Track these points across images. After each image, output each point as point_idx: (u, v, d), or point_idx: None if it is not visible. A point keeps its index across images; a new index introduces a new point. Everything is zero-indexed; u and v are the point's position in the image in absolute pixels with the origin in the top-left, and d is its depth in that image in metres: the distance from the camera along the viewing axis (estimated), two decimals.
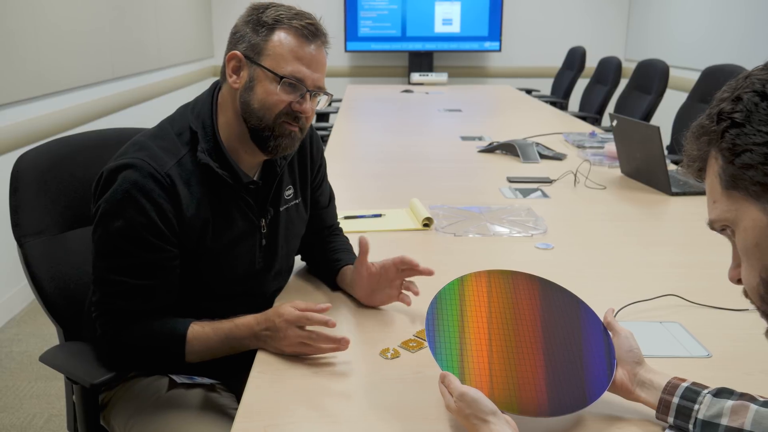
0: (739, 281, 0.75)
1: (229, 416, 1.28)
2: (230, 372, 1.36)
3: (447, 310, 1.06)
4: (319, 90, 1.30)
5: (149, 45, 4.92)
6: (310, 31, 1.26)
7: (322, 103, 1.34)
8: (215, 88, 1.33)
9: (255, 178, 1.35)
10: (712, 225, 0.75)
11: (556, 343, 1.04)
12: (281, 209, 1.41)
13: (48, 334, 2.84)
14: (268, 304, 1.38)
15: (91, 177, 1.30)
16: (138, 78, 4.73)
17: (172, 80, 5.46)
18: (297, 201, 1.46)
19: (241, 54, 1.26)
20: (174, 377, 1.32)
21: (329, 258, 1.50)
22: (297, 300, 1.22)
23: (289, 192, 1.43)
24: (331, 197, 1.61)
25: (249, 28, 1.26)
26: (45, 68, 3.41)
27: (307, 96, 1.28)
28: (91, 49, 3.96)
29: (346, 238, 1.61)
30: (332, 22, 6.73)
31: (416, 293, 1.34)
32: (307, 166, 1.48)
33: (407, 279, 1.35)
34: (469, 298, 1.08)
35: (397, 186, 2.41)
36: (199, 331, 1.23)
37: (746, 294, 0.75)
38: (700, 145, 0.73)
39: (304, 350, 1.18)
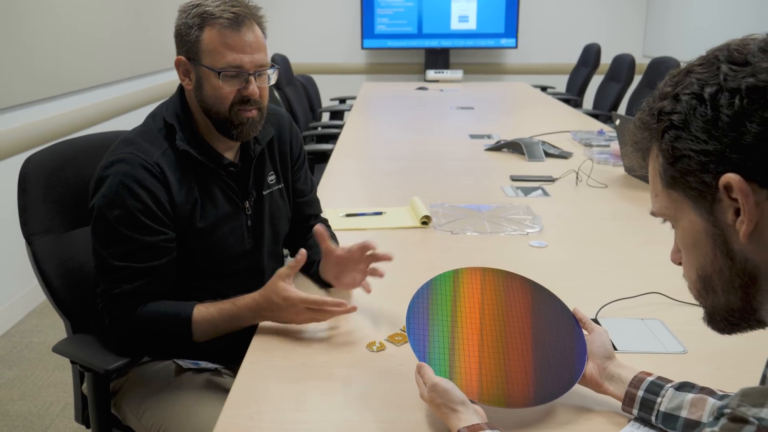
0: (680, 263, 0.77)
1: None
2: (232, 357, 1.44)
3: (440, 299, 1.11)
4: (261, 68, 1.37)
5: (167, 43, 5.01)
6: (234, 19, 1.32)
7: (273, 79, 1.42)
8: (182, 88, 1.43)
9: (235, 162, 1.46)
10: (654, 215, 0.77)
11: (545, 341, 1.09)
12: (264, 193, 1.50)
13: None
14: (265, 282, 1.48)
15: None
16: (156, 76, 4.83)
17: None
18: (280, 186, 1.55)
19: (185, 58, 1.37)
20: (179, 362, 1.40)
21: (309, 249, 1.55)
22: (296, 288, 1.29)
23: (271, 177, 1.53)
24: (313, 188, 1.69)
25: (183, 32, 1.36)
26: (65, 68, 3.51)
27: (251, 79, 1.35)
28: (109, 49, 4.06)
29: (330, 229, 1.67)
30: (349, 20, 6.79)
31: (381, 275, 1.39)
32: (287, 154, 1.58)
33: (372, 265, 1.40)
34: (463, 292, 1.13)
35: (403, 184, 2.45)
36: (204, 312, 1.31)
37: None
38: (643, 135, 0.73)
39: (314, 317, 1.27)
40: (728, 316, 0.72)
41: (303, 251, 1.27)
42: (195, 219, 1.37)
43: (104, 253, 1.32)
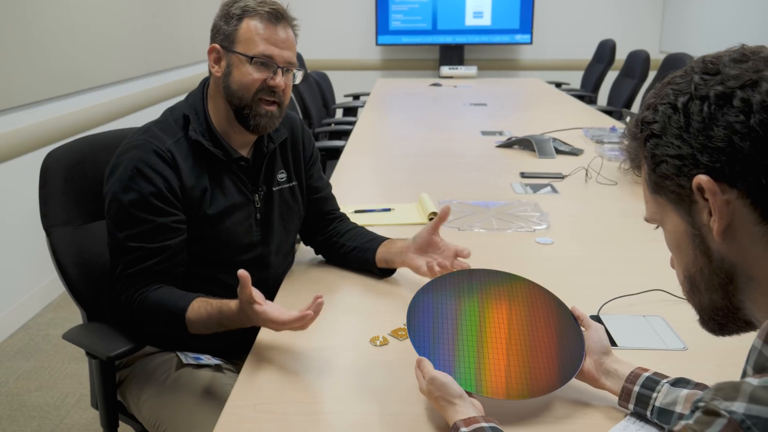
0: None
1: None
2: (235, 352, 1.48)
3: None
4: (290, 65, 1.44)
5: (183, 41, 5.07)
6: (273, 14, 1.42)
7: (298, 78, 1.49)
8: (205, 83, 1.50)
9: (246, 157, 1.50)
10: (647, 221, 0.81)
11: (546, 337, 1.12)
12: (274, 189, 1.55)
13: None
14: (274, 278, 1.54)
15: None
16: (172, 73, 4.88)
17: (205, 74, 5.60)
18: (292, 184, 1.60)
19: (219, 45, 1.44)
20: (181, 356, 1.43)
21: (366, 241, 1.61)
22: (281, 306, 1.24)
23: (282, 175, 1.57)
24: (328, 185, 1.74)
25: (222, 22, 1.44)
26: (82, 66, 3.56)
27: (279, 72, 1.42)
28: (125, 47, 4.11)
29: (353, 226, 1.71)
30: (363, 16, 6.81)
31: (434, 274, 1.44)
32: (300, 153, 1.63)
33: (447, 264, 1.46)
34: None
35: (413, 180, 2.47)
36: (196, 309, 1.30)
37: None
38: (632, 145, 0.78)
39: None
40: (714, 315, 0.75)
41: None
42: (205, 205, 1.42)
43: (119, 235, 1.36)
